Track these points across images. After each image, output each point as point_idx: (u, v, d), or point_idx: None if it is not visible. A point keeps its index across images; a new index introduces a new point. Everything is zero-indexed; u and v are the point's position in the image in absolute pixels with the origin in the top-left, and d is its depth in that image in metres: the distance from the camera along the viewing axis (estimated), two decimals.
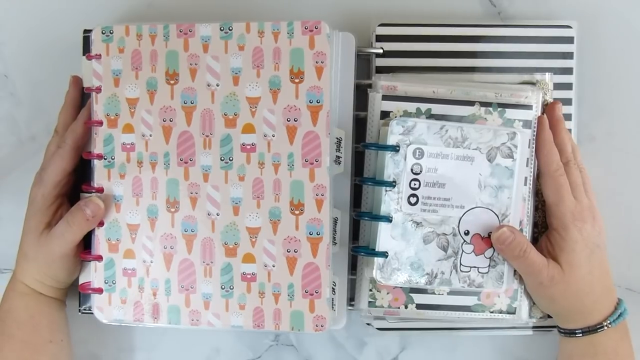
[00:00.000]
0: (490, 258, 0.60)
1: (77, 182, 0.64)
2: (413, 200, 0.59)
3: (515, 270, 0.61)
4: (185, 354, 0.68)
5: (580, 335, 0.59)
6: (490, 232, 0.59)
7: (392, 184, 0.59)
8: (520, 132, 0.59)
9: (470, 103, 0.60)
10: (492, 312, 0.61)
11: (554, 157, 0.60)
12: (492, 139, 0.59)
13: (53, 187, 0.61)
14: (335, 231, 0.61)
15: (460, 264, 0.60)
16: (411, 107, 0.61)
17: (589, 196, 0.60)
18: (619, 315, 0.59)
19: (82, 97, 0.64)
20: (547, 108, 0.62)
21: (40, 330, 0.62)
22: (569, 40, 0.64)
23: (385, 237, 0.60)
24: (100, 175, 0.62)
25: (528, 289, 0.61)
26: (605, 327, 0.58)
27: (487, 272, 0.60)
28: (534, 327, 0.64)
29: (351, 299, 0.63)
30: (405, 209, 0.59)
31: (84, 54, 0.64)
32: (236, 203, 0.61)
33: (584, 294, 0.58)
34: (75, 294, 0.65)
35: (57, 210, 0.62)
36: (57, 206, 0.62)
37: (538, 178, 0.62)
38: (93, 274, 0.62)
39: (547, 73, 0.63)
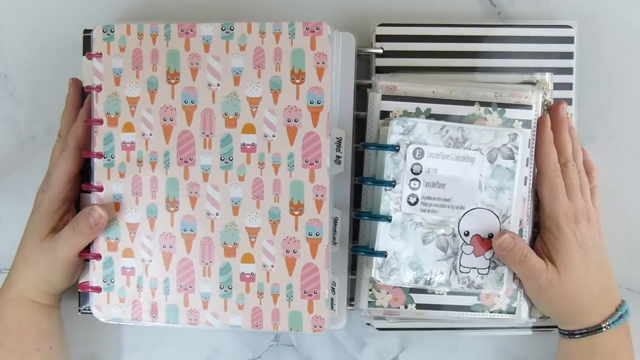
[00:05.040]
0: (490, 259, 0.60)
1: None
2: (413, 200, 0.59)
3: (515, 273, 0.61)
4: (185, 353, 0.68)
5: (579, 336, 0.59)
6: (491, 234, 0.59)
7: (392, 184, 0.59)
8: (520, 133, 0.59)
9: (470, 103, 0.60)
10: (492, 312, 0.61)
11: (551, 157, 0.60)
12: (493, 140, 0.59)
13: (60, 191, 0.61)
14: (335, 231, 0.61)
15: (460, 264, 0.60)
16: (411, 107, 0.61)
17: (586, 198, 0.60)
18: (619, 317, 0.58)
19: (82, 98, 0.64)
20: (551, 107, 0.62)
21: (27, 338, 0.61)
22: (569, 40, 0.64)
23: (384, 236, 0.60)
24: (99, 174, 0.62)
25: (527, 292, 0.61)
26: (604, 329, 0.58)
27: (487, 274, 0.60)
28: (533, 327, 0.64)
29: (351, 299, 0.63)
30: (404, 208, 0.59)
31: (84, 54, 0.64)
32: (236, 203, 0.61)
33: (580, 295, 0.58)
34: (75, 294, 0.65)
35: (63, 215, 0.62)
36: (63, 211, 0.62)
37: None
38: (92, 273, 0.62)
39: (547, 73, 0.63)
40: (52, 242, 0.60)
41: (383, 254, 0.60)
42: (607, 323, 0.58)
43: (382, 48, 0.64)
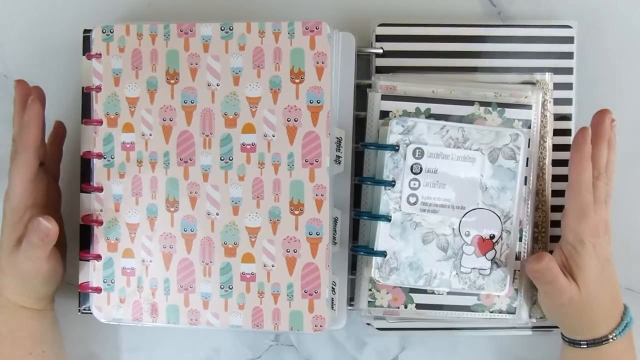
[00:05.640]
0: (492, 260, 0.60)
1: (77, 187, 0.64)
2: (412, 200, 0.59)
3: (515, 272, 0.60)
4: (185, 354, 0.68)
5: (585, 346, 0.59)
6: (492, 234, 0.59)
7: (391, 184, 0.59)
8: (521, 133, 0.59)
9: (470, 103, 0.60)
10: (492, 312, 0.61)
11: (587, 173, 0.57)
12: (494, 140, 0.59)
13: (19, 199, 0.59)
14: (336, 231, 0.61)
15: (461, 265, 0.60)
16: (410, 106, 0.61)
17: (608, 208, 0.59)
18: (625, 327, 0.58)
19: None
20: (596, 116, 0.59)
21: (19, 343, 0.61)
22: (569, 40, 0.64)
23: (383, 236, 0.60)
24: (99, 175, 0.62)
25: (544, 308, 0.60)
26: (611, 340, 0.58)
27: (488, 274, 0.60)
28: (533, 327, 0.64)
29: (351, 299, 0.63)
30: (404, 208, 0.59)
31: (84, 54, 0.64)
32: (236, 203, 0.61)
33: (594, 309, 0.58)
34: (75, 294, 0.65)
35: (28, 222, 0.59)
36: (27, 218, 0.59)
37: (539, 178, 0.62)
38: (92, 273, 0.62)
39: (547, 73, 0.63)
40: (17, 255, 0.59)
41: (382, 254, 0.60)
42: (614, 334, 0.58)
43: (382, 48, 0.64)
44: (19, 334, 0.61)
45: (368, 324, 0.66)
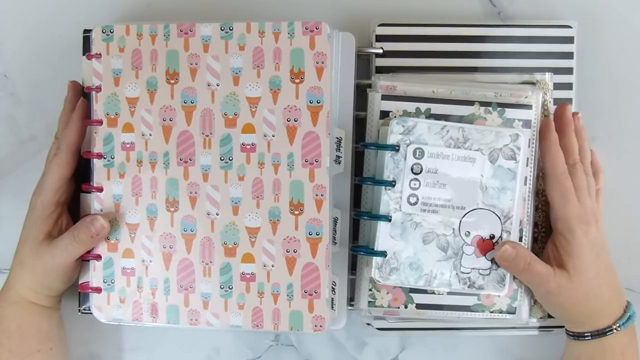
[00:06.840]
0: (492, 260, 0.60)
1: (77, 187, 0.64)
2: (413, 200, 0.59)
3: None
4: (185, 354, 0.68)
5: (590, 338, 0.59)
6: (492, 234, 0.59)
7: (392, 184, 0.59)
8: (521, 133, 0.59)
9: (470, 103, 0.60)
10: (492, 312, 0.61)
11: (559, 160, 0.59)
12: (494, 140, 0.59)
13: (52, 195, 0.61)
14: (336, 231, 0.61)
15: (461, 265, 0.60)
16: (410, 106, 0.61)
17: (593, 199, 0.59)
18: (628, 319, 0.58)
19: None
20: (557, 109, 0.61)
21: (27, 339, 0.61)
22: (569, 40, 0.64)
23: (384, 236, 0.60)
24: (99, 175, 0.62)
25: (537, 298, 0.61)
26: (615, 331, 0.58)
27: (488, 274, 0.60)
28: (534, 327, 0.64)
29: (351, 299, 0.63)
30: (404, 208, 0.59)
31: (84, 54, 0.64)
32: (236, 203, 0.61)
33: (592, 298, 0.58)
34: (75, 294, 0.65)
35: (57, 219, 0.62)
36: (57, 215, 0.62)
37: (539, 178, 0.62)
38: (92, 273, 0.62)
39: (547, 73, 0.63)
40: (49, 247, 0.60)
41: (383, 254, 0.60)
42: (618, 325, 0.58)
43: (382, 48, 0.64)
44: (28, 330, 0.61)
45: (368, 324, 0.66)
